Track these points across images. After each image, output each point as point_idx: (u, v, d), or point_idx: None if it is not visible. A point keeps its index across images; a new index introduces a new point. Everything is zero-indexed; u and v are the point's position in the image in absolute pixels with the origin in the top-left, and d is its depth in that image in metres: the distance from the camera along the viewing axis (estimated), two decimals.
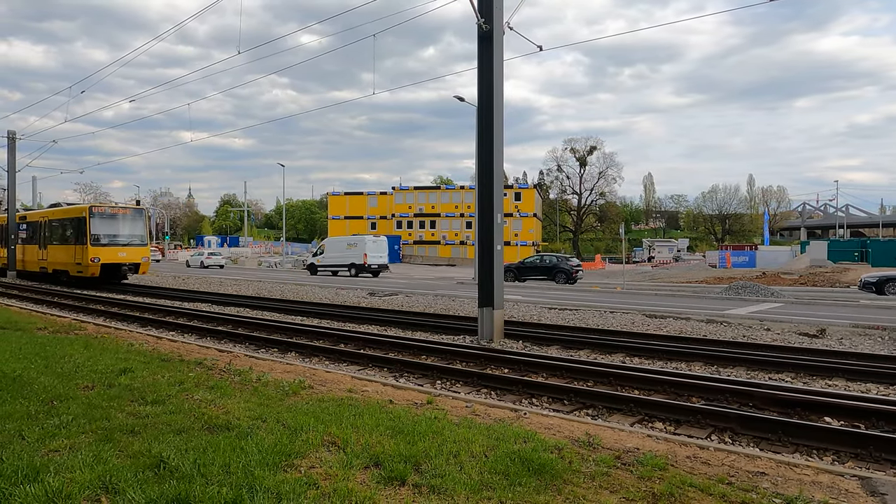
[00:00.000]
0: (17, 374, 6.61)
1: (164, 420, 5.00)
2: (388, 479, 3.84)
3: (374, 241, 37.16)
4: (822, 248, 50.16)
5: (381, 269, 36.78)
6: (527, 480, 3.87)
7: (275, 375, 7.16)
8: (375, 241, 37.14)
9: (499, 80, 11.15)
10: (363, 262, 35.51)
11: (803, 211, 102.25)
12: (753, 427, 5.86)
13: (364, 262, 35.46)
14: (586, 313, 15.71)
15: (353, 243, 37.03)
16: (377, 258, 36.18)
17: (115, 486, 3.52)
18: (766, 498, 3.74)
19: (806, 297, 21.80)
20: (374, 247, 36.33)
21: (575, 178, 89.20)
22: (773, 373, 8.63)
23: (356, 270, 35.91)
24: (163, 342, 10.18)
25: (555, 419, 5.69)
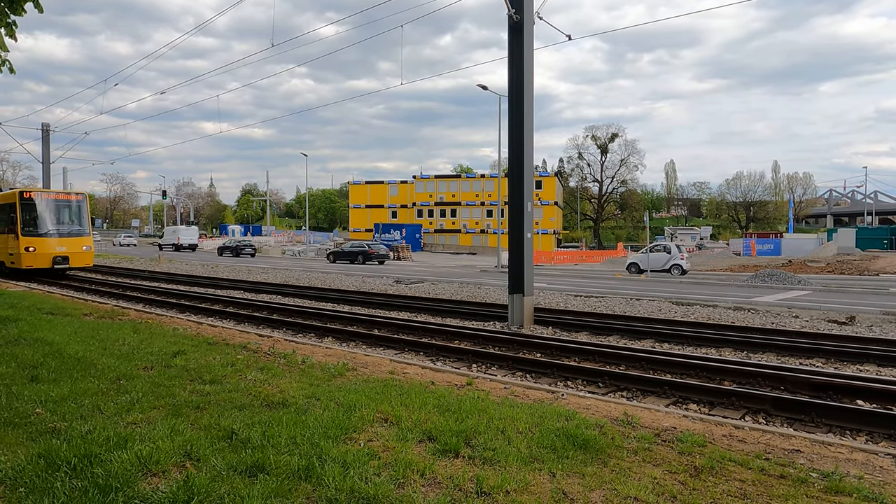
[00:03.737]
0: (80, 355, 7.02)
1: (224, 397, 5.32)
2: (442, 451, 4.10)
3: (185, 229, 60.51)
4: (849, 236, 49.25)
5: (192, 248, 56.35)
6: (573, 454, 4.10)
7: (317, 358, 7.48)
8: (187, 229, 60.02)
9: (529, 70, 11.28)
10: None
11: (830, 198, 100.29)
12: (787, 409, 6.03)
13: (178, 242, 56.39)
14: (612, 301, 15.84)
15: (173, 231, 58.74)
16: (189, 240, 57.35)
17: (196, 454, 3.83)
18: (802, 472, 3.92)
19: (834, 285, 21.62)
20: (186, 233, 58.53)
21: (596, 165, 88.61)
22: (804, 358, 8.73)
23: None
24: (204, 327, 10.58)
25: (592, 400, 5.91)
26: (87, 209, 23.33)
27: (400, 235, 62.30)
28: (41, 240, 21.43)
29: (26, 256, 20.97)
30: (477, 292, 18.35)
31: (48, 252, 21.37)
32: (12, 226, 21.54)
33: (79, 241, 22.50)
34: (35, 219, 21.59)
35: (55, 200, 22.43)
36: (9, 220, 21.83)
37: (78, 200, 23.08)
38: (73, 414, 4.72)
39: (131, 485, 3.35)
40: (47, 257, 21.35)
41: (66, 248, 21.87)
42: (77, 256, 22.21)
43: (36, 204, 21.75)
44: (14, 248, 21.39)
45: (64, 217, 22.60)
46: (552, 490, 3.52)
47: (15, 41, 6.87)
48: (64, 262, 21.71)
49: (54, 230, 21.89)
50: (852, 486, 3.66)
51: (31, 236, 21.23)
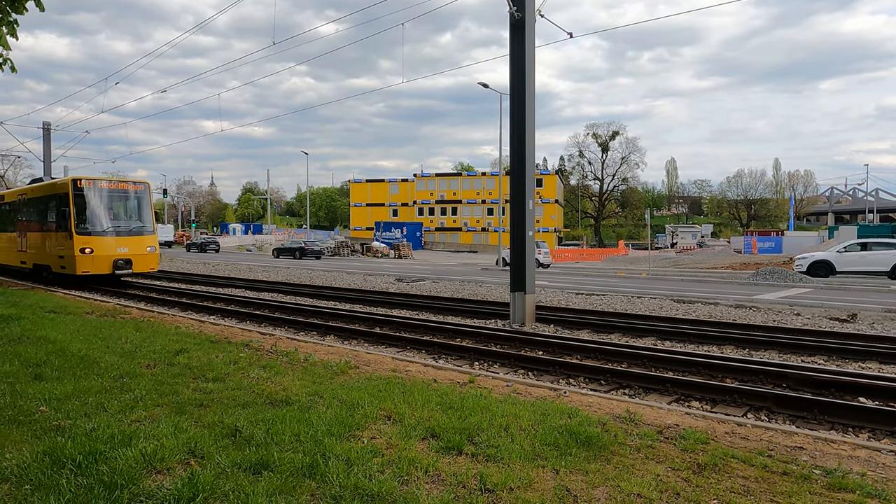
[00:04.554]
0: (83, 353, 7.04)
1: (227, 395, 5.34)
2: (445, 448, 4.11)
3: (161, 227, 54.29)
4: (851, 234, 49.04)
5: None
6: (576, 451, 4.11)
7: (320, 356, 7.49)
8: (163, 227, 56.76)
9: (530, 68, 11.27)
10: None
11: (831, 195, 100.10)
12: (789, 406, 6.03)
13: None
14: (614, 298, 15.84)
15: None
16: None
17: (200, 452, 3.85)
18: (805, 469, 3.93)
19: (835, 282, 21.61)
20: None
21: (597, 163, 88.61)
22: (806, 356, 8.73)
23: None
24: (206, 325, 10.59)
25: (594, 398, 5.91)
26: (150, 201, 19.30)
27: (401, 234, 62.29)
28: (100, 239, 17.57)
29: (82, 260, 17.10)
30: (478, 290, 18.36)
31: (108, 254, 17.58)
32: (63, 221, 17.59)
33: (142, 241, 18.59)
34: (92, 213, 17.73)
35: (115, 191, 18.53)
36: (59, 215, 17.90)
37: (139, 191, 19.05)
38: (78, 412, 4.73)
39: (136, 482, 3.36)
40: (107, 260, 17.54)
41: (129, 250, 18.03)
42: (140, 259, 18.34)
43: (93, 195, 17.85)
44: (66, 249, 17.48)
45: (125, 211, 18.87)
46: (555, 487, 3.53)
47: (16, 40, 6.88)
48: (126, 266, 17.82)
49: (114, 227, 18.12)
50: (855, 483, 3.67)
51: (87, 234, 17.31)
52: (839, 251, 24.37)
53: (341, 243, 54.15)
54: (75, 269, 17.16)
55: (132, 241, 18.29)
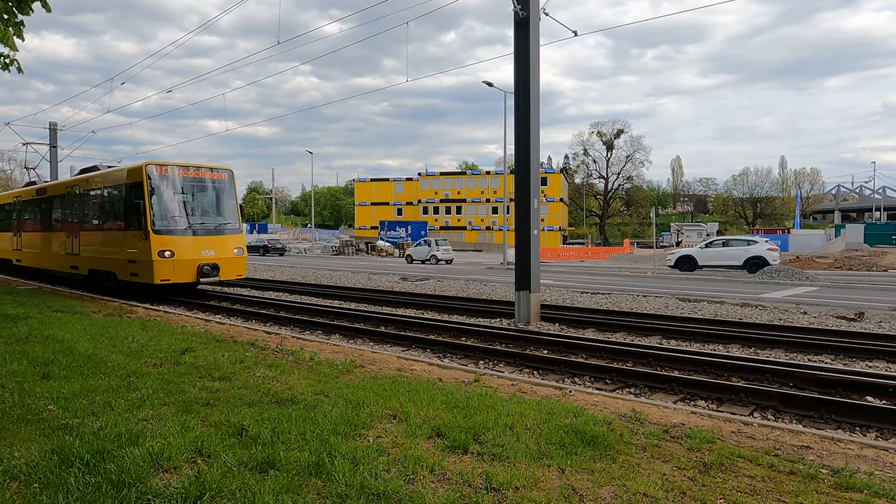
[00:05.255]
0: (91, 352, 7.08)
1: (233, 394, 5.36)
2: (451, 447, 4.12)
3: None
4: (857, 232, 48.88)
5: None
6: (582, 450, 4.11)
7: (325, 355, 7.51)
8: None
9: (535, 67, 11.26)
10: None
11: (837, 193, 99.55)
12: (795, 405, 6.01)
13: None
14: (619, 297, 15.81)
15: None
16: None
17: (207, 450, 3.86)
18: (812, 468, 3.91)
19: (842, 280, 21.51)
20: None
21: (601, 161, 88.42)
22: (812, 355, 8.69)
23: None
24: (212, 324, 10.63)
25: (599, 397, 5.90)
26: (235, 191, 15.87)
27: (405, 233, 62.27)
28: (182, 239, 14.21)
29: (161, 266, 13.68)
30: (483, 289, 18.36)
31: (192, 258, 14.16)
32: (135, 217, 14.13)
33: (228, 241, 15.07)
34: (172, 207, 14.42)
35: (196, 179, 15.06)
36: (129, 209, 14.46)
37: (222, 179, 15.54)
38: (85, 410, 4.76)
39: (144, 480, 3.38)
40: (190, 266, 14.09)
41: (214, 252, 14.56)
42: (228, 264, 14.81)
43: (172, 184, 14.56)
44: (139, 251, 14.02)
45: (207, 204, 15.47)
46: (561, 486, 3.53)
47: (22, 41, 6.93)
48: (212, 272, 14.38)
49: (198, 224, 14.72)
50: (863, 483, 3.65)
51: (167, 234, 13.93)
52: (702, 247, 27.69)
53: (346, 242, 54.31)
54: (152, 276, 13.68)
55: (218, 242, 14.84)
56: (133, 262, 14.31)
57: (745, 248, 26.37)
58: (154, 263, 13.66)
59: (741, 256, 25.91)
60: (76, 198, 17.27)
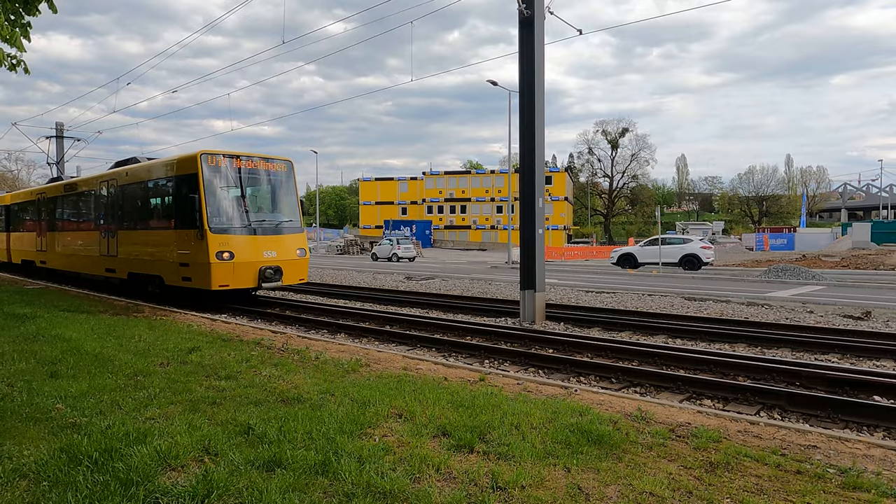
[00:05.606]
0: (98, 351, 7.12)
1: (240, 393, 5.38)
2: (457, 446, 4.12)
3: None
4: (864, 230, 48.64)
5: None
6: (588, 449, 4.10)
7: (331, 354, 7.52)
8: None
9: (540, 65, 11.24)
10: None
11: (844, 192, 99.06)
12: (802, 404, 5.98)
13: None
14: (624, 296, 15.78)
15: None
16: None
17: (213, 449, 3.88)
18: (819, 468, 3.90)
19: (849, 279, 21.40)
20: None
21: (606, 160, 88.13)
22: (819, 354, 8.66)
23: None
24: (217, 323, 10.67)
25: (605, 396, 5.90)
26: (295, 185, 14.34)
27: (410, 232, 62.35)
28: (243, 239, 12.61)
29: (219, 269, 12.06)
30: (488, 288, 18.36)
31: (253, 260, 12.57)
32: (188, 213, 12.46)
33: (291, 242, 13.50)
34: (230, 202, 12.87)
35: (254, 171, 13.51)
36: (181, 205, 12.81)
37: (282, 171, 13.99)
38: (93, 409, 4.79)
39: (151, 479, 3.40)
40: (251, 269, 12.47)
41: (276, 254, 12.95)
42: (291, 266, 13.21)
43: (230, 177, 13.01)
44: (193, 252, 12.37)
45: (267, 199, 13.98)
46: (567, 485, 3.53)
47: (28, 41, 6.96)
48: (275, 276, 12.78)
49: (259, 222, 13.16)
50: (870, 482, 3.64)
51: (224, 232, 12.35)
52: (641, 246, 29.92)
53: (351, 242, 54.39)
54: (209, 281, 12.05)
55: (280, 242, 13.25)
56: (185, 265, 12.65)
57: (681, 246, 28.51)
58: (211, 266, 12.03)
59: (677, 254, 27.92)
60: (113, 193, 15.58)
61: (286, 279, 13.09)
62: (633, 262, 28.84)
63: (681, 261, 27.80)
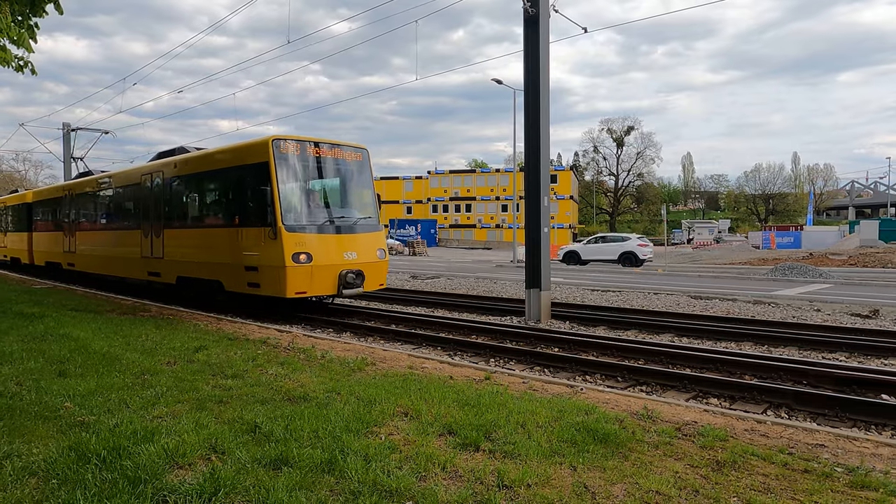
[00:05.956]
0: (105, 350, 7.16)
1: (246, 392, 5.40)
2: (462, 445, 4.13)
3: None
4: (872, 228, 48.29)
5: None
6: (594, 448, 4.10)
7: (336, 353, 7.54)
8: None
9: (545, 64, 11.22)
10: None
11: (852, 189, 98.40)
12: (809, 403, 5.96)
13: None
14: (630, 294, 15.74)
15: None
16: None
17: (220, 447, 3.90)
18: (827, 467, 3.88)
19: (856, 278, 21.27)
20: None
21: (612, 158, 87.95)
22: (826, 352, 8.62)
23: None
24: (223, 322, 10.70)
25: (611, 394, 5.89)
26: (372, 177, 12.83)
27: (415, 231, 62.35)
28: (322, 239, 10.98)
29: (295, 273, 10.44)
30: (493, 287, 18.35)
31: (333, 262, 10.96)
32: (258, 208, 10.88)
33: (372, 241, 11.88)
34: (306, 196, 11.29)
35: (331, 160, 11.80)
36: (247, 197, 11.27)
37: (359, 161, 12.27)
38: (101, 408, 4.82)
39: (159, 477, 3.42)
40: (331, 273, 10.89)
41: (357, 256, 11.32)
42: (372, 270, 11.61)
43: (305, 167, 11.35)
44: (264, 254, 10.70)
45: (346, 192, 12.23)
46: (573, 483, 3.53)
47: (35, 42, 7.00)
48: (356, 281, 11.14)
49: (339, 219, 11.55)
50: (878, 481, 3.62)
51: (301, 231, 10.71)
52: (584, 244, 32.31)
53: None
54: (284, 287, 10.40)
55: (360, 242, 11.56)
56: (253, 268, 10.95)
57: (620, 244, 30.48)
58: (287, 271, 10.32)
59: (616, 251, 29.92)
60: (159, 187, 13.89)
61: (367, 285, 11.46)
62: (577, 259, 31.07)
63: (620, 258, 29.58)
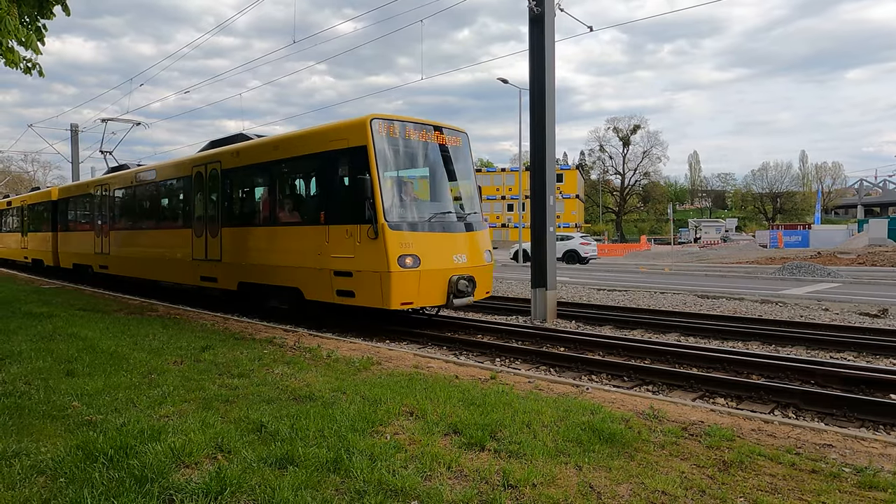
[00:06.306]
0: (113, 350, 7.20)
1: (252, 391, 5.42)
2: (468, 444, 4.12)
3: None
4: (881, 227, 47.93)
5: None
6: (599, 448, 4.09)
7: (342, 352, 7.56)
8: None
9: (551, 63, 11.20)
10: None
11: (860, 188, 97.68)
12: (817, 403, 5.92)
13: None
14: (636, 294, 15.70)
15: None
16: None
17: (227, 446, 3.92)
18: (835, 467, 3.85)
19: (865, 277, 21.12)
20: None
21: (618, 157, 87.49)
22: (834, 352, 8.56)
23: None
24: (230, 322, 10.74)
25: (617, 394, 5.87)
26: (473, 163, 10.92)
27: None
28: (430, 239, 9.36)
29: (403, 280, 8.88)
30: (499, 286, 18.33)
31: (443, 266, 9.35)
32: (355, 201, 9.13)
33: (481, 241, 10.28)
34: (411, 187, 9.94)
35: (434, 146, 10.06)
36: (341, 189, 9.61)
37: (458, 147, 10.41)
38: (108, 407, 4.85)
39: (166, 476, 3.43)
40: (441, 279, 9.30)
41: (468, 259, 9.72)
42: (482, 275, 10.02)
43: (409, 152, 9.86)
44: (363, 256, 9.10)
45: (451, 183, 10.40)
46: (579, 483, 3.52)
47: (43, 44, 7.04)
48: (468, 288, 9.51)
49: (447, 215, 9.93)
50: (887, 482, 3.59)
51: (407, 229, 9.14)
52: None
53: None
54: (388, 296, 8.76)
55: (470, 242, 9.93)
56: (345, 273, 9.26)
57: (564, 243, 31.90)
58: (392, 277, 8.69)
59: (561, 249, 30.81)
60: (215, 180, 12.34)
61: (478, 293, 9.91)
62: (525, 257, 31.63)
63: (564, 255, 31.04)
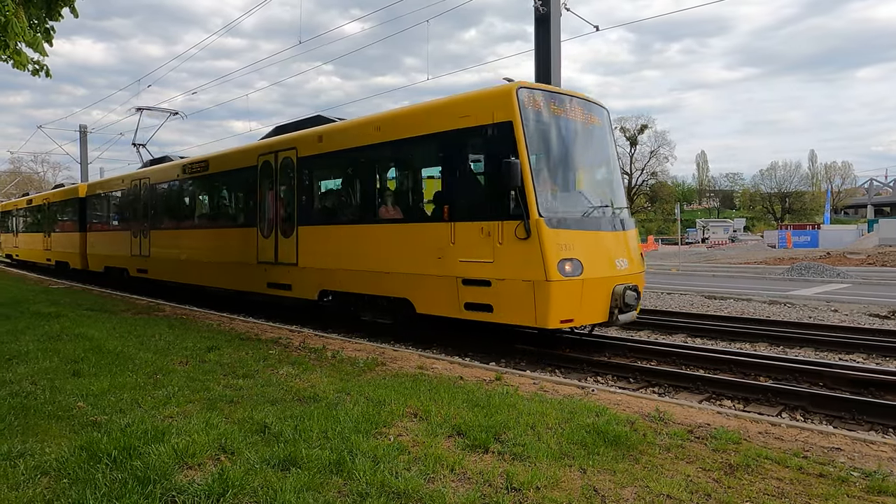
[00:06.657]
0: (119, 350, 7.23)
1: (257, 392, 5.42)
2: (471, 446, 4.11)
3: None
4: (892, 227, 47.55)
5: None
6: (604, 450, 4.06)
7: (347, 353, 7.55)
8: None
9: (556, 63, 11.17)
10: None
11: (870, 187, 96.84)
12: (825, 405, 5.86)
13: None
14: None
15: None
16: None
17: (230, 448, 3.91)
18: (843, 471, 3.81)
19: (875, 277, 20.93)
20: None
21: (625, 157, 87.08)
22: (843, 353, 8.48)
23: None
24: (236, 322, 10.77)
25: (622, 396, 5.83)
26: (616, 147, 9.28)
27: None
28: (592, 239, 7.64)
29: (564, 291, 7.04)
30: None
31: (606, 275, 7.56)
32: (497, 191, 7.34)
33: (636, 242, 8.81)
34: (568, 175, 8.24)
35: (581, 125, 8.20)
36: (476, 176, 7.97)
37: (602, 126, 8.62)
38: (113, 407, 4.86)
39: (169, 477, 3.43)
40: (604, 290, 7.49)
41: (629, 264, 8.02)
42: (643, 283, 8.58)
43: (561, 133, 8.04)
44: (506, 261, 7.28)
45: (605, 171, 8.99)
46: (583, 486, 3.49)
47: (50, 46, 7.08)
48: (634, 300, 7.84)
49: (604, 209, 8.14)
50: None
51: (563, 226, 7.26)
52: None
53: None
54: (545, 312, 7.05)
55: (630, 244, 8.36)
56: (480, 283, 7.58)
57: None
58: (552, 288, 6.97)
59: None
60: (290, 170, 10.77)
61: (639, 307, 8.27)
62: None
63: None
